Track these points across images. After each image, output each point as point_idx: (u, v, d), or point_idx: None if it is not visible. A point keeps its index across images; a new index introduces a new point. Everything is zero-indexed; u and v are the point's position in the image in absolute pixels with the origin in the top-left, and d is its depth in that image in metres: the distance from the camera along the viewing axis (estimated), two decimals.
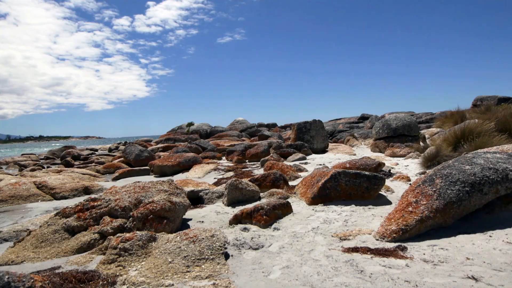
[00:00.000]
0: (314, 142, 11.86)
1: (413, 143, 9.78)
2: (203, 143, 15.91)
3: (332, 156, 10.75)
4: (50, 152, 26.62)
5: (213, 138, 31.38)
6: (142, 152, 13.57)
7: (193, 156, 10.34)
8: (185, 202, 3.83)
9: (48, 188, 7.88)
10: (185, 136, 33.48)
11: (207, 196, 5.32)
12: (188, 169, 9.93)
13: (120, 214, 3.59)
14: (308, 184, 4.88)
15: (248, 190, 4.85)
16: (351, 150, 11.62)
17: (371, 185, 4.34)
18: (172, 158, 10.26)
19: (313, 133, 11.90)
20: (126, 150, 13.81)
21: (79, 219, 3.66)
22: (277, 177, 5.60)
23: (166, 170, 9.88)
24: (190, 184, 5.69)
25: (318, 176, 4.74)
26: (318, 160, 10.01)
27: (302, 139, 11.97)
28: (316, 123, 12.07)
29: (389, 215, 3.29)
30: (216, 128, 37.74)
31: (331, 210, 4.07)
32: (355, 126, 21.13)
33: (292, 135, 12.41)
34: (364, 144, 14.11)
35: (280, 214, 3.89)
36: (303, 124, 12.07)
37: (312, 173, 5.21)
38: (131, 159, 13.42)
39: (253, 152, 11.21)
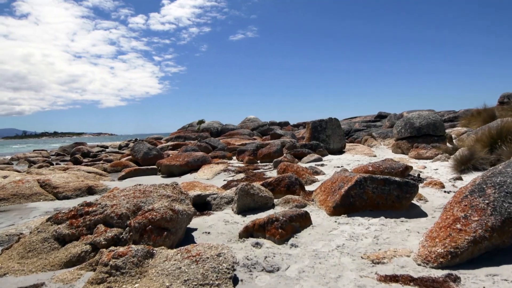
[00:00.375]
0: (330, 142, 11.28)
1: (440, 144, 9.13)
2: (213, 142, 15.47)
3: (350, 157, 10.16)
4: (61, 148, 26.57)
5: (223, 137, 31.02)
6: (151, 150, 13.19)
7: (202, 156, 9.88)
8: (190, 210, 3.35)
9: (51, 187, 7.52)
10: (196, 134, 33.17)
11: (215, 201, 4.84)
12: (196, 169, 9.48)
13: (116, 222, 3.13)
14: (328, 191, 4.34)
15: (261, 197, 4.35)
16: (370, 150, 11.01)
17: (402, 193, 3.78)
18: (180, 157, 9.83)
19: (329, 132, 11.32)
20: (134, 148, 13.45)
21: (71, 226, 3.22)
22: (292, 181, 5.08)
23: (173, 170, 9.45)
24: (197, 187, 5.22)
25: (340, 181, 4.21)
26: (335, 162, 9.44)
27: (317, 138, 11.40)
28: (333, 121, 11.48)
29: (430, 233, 2.74)
30: (227, 126, 37.37)
31: (357, 222, 3.54)
32: (372, 125, 20.43)
33: (307, 134, 11.85)
34: (384, 144, 13.47)
35: (298, 227, 3.37)
36: (319, 122, 11.50)
37: (332, 177, 4.68)
38: (139, 157, 13.06)
39: (265, 152, 10.70)
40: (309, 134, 11.62)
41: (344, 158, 10.07)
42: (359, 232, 3.24)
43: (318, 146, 10.88)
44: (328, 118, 11.43)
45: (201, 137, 31.36)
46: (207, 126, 36.34)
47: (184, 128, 40.12)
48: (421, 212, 3.80)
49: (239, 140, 25.93)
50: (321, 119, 11.47)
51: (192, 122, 40.22)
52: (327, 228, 3.45)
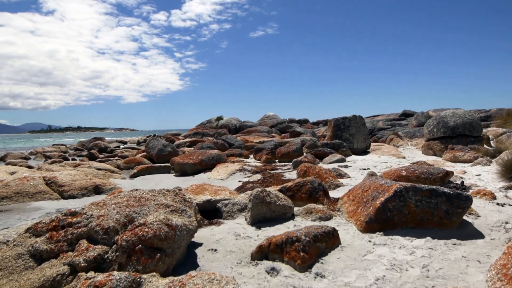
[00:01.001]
0: (354, 141, 10.52)
1: (477, 145, 8.25)
2: (230, 139, 14.92)
3: (376, 158, 9.39)
4: (79, 143, 26.66)
5: (242, 134, 30.50)
6: (165, 147, 12.75)
7: (217, 154, 9.33)
8: (191, 224, 2.75)
9: (57, 185, 7.11)
10: (214, 131, 32.78)
11: (227, 208, 4.24)
12: (211, 168, 8.93)
13: (101, 238, 2.57)
14: (359, 200, 3.67)
15: (278, 205, 3.72)
16: (398, 151, 10.19)
17: (452, 207, 3.08)
18: (194, 155, 9.30)
19: (353, 131, 10.56)
20: (148, 144, 13.04)
21: (50, 240, 2.68)
22: (315, 187, 4.42)
23: (186, 168, 8.93)
24: (206, 191, 4.63)
25: (374, 190, 3.53)
26: (360, 163, 8.69)
27: (340, 137, 10.66)
28: (357, 119, 10.71)
29: (505, 268, 2.05)
30: (245, 123, 36.83)
31: (397, 244, 2.86)
32: (397, 124, 19.42)
33: (329, 132, 11.13)
34: (411, 144, 12.58)
35: (324, 249, 2.73)
36: (342, 120, 10.74)
37: (363, 184, 4.00)
38: (153, 154, 12.64)
39: (284, 151, 10.05)
40: (331, 133, 10.88)
41: (370, 159, 9.30)
42: (401, 259, 2.57)
43: (341, 145, 10.14)
44: (352, 115, 10.67)
45: (219, 133, 30.98)
46: (225, 123, 35.94)
47: (202, 124, 39.88)
48: (475, 231, 3.08)
49: (257, 137, 25.35)
50: (345, 117, 10.71)
51: (211, 119, 39.93)
52: (360, 250, 2.79)
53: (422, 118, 15.50)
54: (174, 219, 2.66)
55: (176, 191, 3.27)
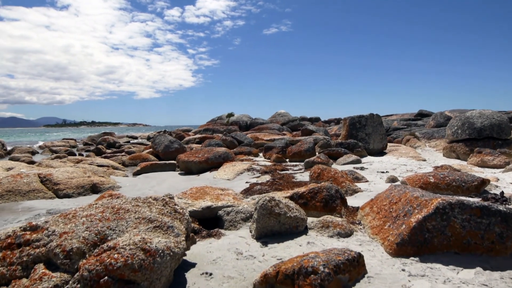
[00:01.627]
0: (370, 141, 9.83)
1: (507, 149, 7.50)
2: (239, 136, 14.35)
3: (394, 160, 8.70)
4: (89, 138, 26.47)
5: (252, 131, 29.94)
6: (172, 143, 12.26)
7: (224, 152, 8.76)
8: (178, 246, 2.17)
9: (52, 183, 6.65)
10: (224, 127, 32.29)
11: (229, 217, 3.67)
12: (217, 167, 8.37)
13: (62, 263, 2.02)
14: (386, 214, 3.05)
15: (289, 217, 3.12)
16: (416, 153, 9.47)
17: (508, 230, 2.44)
18: (199, 152, 8.76)
19: (369, 130, 9.87)
20: (155, 140, 12.58)
21: (2, 262, 2.15)
22: (331, 194, 3.81)
23: (191, 167, 8.39)
24: (207, 196, 4.07)
25: (405, 203, 2.90)
26: (377, 165, 8.02)
27: (355, 137, 9.98)
28: (374, 118, 10.01)
29: None
30: (256, 120, 36.25)
31: (439, 275, 2.24)
32: (413, 124, 18.56)
33: (343, 131, 10.46)
34: (430, 146, 11.82)
35: (347, 281, 2.13)
36: (357, 118, 10.06)
37: (389, 193, 3.37)
38: (159, 150, 12.17)
39: (296, 150, 9.43)
40: (346, 132, 10.22)
41: (387, 161, 8.62)
42: None
43: (356, 145, 9.47)
44: (369, 114, 9.98)
45: (230, 130, 30.48)
46: (236, 120, 35.43)
47: (213, 120, 39.46)
48: None
49: (268, 134, 24.75)
50: (361, 115, 10.03)
51: (222, 115, 39.47)
52: (393, 283, 2.18)
53: (440, 119, 14.67)
54: (156, 239, 2.09)
55: (166, 199, 2.70)
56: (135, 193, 6.59)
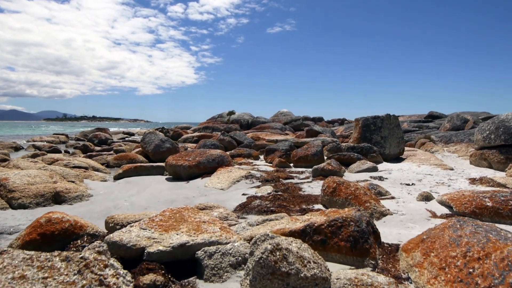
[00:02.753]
0: (386, 146, 8.63)
1: None
2: (238, 136, 13.15)
3: (415, 168, 7.50)
4: (81, 133, 25.30)
5: (253, 130, 28.75)
6: (163, 142, 11.08)
7: (219, 155, 7.57)
8: None
9: (6, 189, 5.46)
10: (224, 126, 31.10)
11: (212, 261, 2.49)
12: (210, 172, 7.19)
13: None
14: (461, 276, 1.87)
15: (303, 278, 1.94)
16: (438, 160, 8.27)
17: None
18: (190, 155, 7.56)
19: (385, 133, 8.67)
20: (144, 138, 11.40)
21: None
22: (362, 229, 2.63)
23: (180, 171, 7.21)
24: (184, 224, 2.88)
25: (498, 260, 1.73)
26: (398, 174, 6.83)
27: (369, 140, 8.79)
28: (391, 119, 8.81)
29: None
30: (258, 118, 35.05)
31: None
32: (424, 126, 17.37)
33: (355, 133, 9.26)
34: (449, 151, 10.62)
35: None
36: (372, 119, 8.85)
37: (456, 235, 2.19)
38: (149, 150, 11.00)
39: (302, 155, 8.24)
40: (358, 134, 9.02)
41: (408, 169, 7.42)
42: None
43: (371, 150, 8.28)
44: (385, 114, 8.76)
45: (230, 129, 29.27)
46: (237, 118, 34.27)
47: (213, 118, 38.28)
48: None
49: (270, 134, 23.58)
50: (376, 116, 8.82)
51: (222, 113, 38.30)
52: None
53: (457, 121, 13.46)
54: None
55: (89, 258, 1.51)
56: (108, 203, 5.43)
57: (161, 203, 5.40)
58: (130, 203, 5.52)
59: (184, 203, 5.37)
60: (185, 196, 5.78)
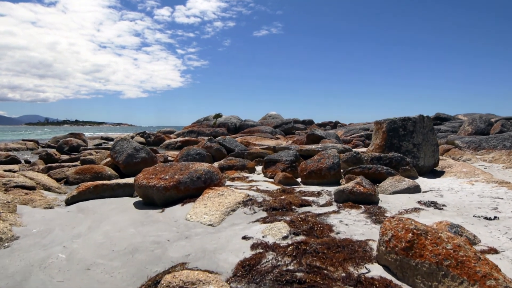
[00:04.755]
0: (421, 156, 6.78)
1: None
2: (228, 143, 11.17)
3: (468, 187, 5.66)
4: (53, 139, 22.86)
5: (242, 134, 26.77)
6: (138, 151, 9.05)
7: (206, 172, 5.57)
8: None
9: None
10: (211, 130, 29.05)
11: None
12: (194, 195, 5.21)
13: None
14: None
15: None
16: (487, 173, 6.49)
17: None
18: (167, 171, 5.55)
19: (418, 139, 6.83)
20: (115, 146, 9.34)
21: None
22: None
23: (153, 195, 5.20)
24: None
25: None
26: (453, 198, 4.98)
27: (398, 148, 6.94)
28: (424, 121, 6.99)
29: None
30: (246, 122, 33.07)
31: None
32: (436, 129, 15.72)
33: (377, 139, 7.41)
34: (483, 159, 8.89)
35: None
36: (401, 122, 6.99)
37: None
38: (120, 161, 8.96)
39: (313, 168, 6.35)
40: (383, 140, 7.17)
41: (460, 189, 5.58)
42: None
43: (403, 161, 6.43)
44: (418, 115, 6.93)
45: (216, 133, 27.22)
46: (224, 121, 32.27)
47: (198, 122, 36.18)
48: None
49: (260, 138, 21.67)
50: (406, 117, 6.97)
51: (208, 116, 36.23)
52: None
53: (480, 124, 11.81)
54: None
55: None
56: (34, 255, 3.41)
57: (116, 256, 3.40)
58: (68, 253, 3.50)
59: (152, 254, 3.39)
60: (156, 240, 3.79)
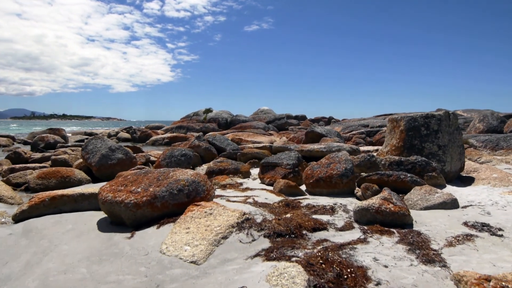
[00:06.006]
0: (447, 159, 5.71)
1: None
2: (219, 141, 9.97)
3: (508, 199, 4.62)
4: (31, 134, 21.37)
5: (233, 130, 25.58)
6: (114, 151, 7.85)
7: (190, 182, 4.39)
8: None
9: None
10: (201, 125, 27.79)
11: None
12: (175, 213, 4.06)
13: None
14: None
15: None
16: None
17: None
18: (140, 181, 4.36)
19: (444, 140, 5.76)
20: (87, 146, 8.11)
21: None
22: None
23: (121, 214, 4.02)
24: None
25: None
26: (501, 216, 3.90)
27: (420, 150, 5.85)
28: (450, 119, 5.92)
29: None
30: (238, 117, 31.86)
31: None
32: None
33: (393, 140, 6.31)
34: (505, 161, 7.90)
35: None
36: (423, 119, 5.89)
37: None
38: (92, 162, 7.75)
39: (322, 175, 5.24)
40: (400, 141, 6.08)
41: (503, 201, 4.51)
42: None
43: (428, 166, 5.35)
44: (443, 112, 5.83)
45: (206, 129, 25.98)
46: (214, 116, 31.02)
47: (188, 117, 34.83)
48: None
49: (252, 135, 20.51)
50: (429, 114, 5.86)
51: (198, 111, 34.90)
52: None
53: (492, 120, 10.84)
54: None
55: None
56: None
57: None
58: None
59: None
60: None
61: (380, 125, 16.65)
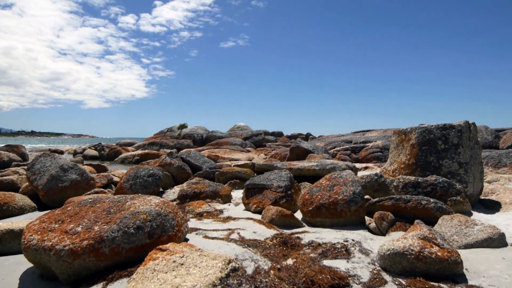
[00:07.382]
0: (469, 180, 4.77)
1: None
2: (194, 158, 8.75)
3: None
4: None
5: (210, 146, 24.34)
6: (65, 172, 6.51)
7: (154, 214, 3.20)
8: None
9: None
10: (175, 141, 26.39)
11: None
12: (131, 262, 2.87)
13: None
14: None
15: None
16: None
17: None
18: (84, 216, 3.13)
19: (466, 156, 4.83)
20: (34, 165, 6.74)
21: None
22: None
23: (51, 265, 2.78)
24: None
25: None
26: None
27: (437, 168, 4.89)
28: (471, 131, 5.02)
29: None
30: (214, 133, 30.65)
31: None
32: None
33: (401, 156, 5.35)
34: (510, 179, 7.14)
35: None
36: (439, 131, 4.95)
37: None
38: (39, 185, 6.37)
39: (324, 201, 4.17)
40: (412, 157, 5.12)
41: None
42: None
43: (451, 189, 4.39)
44: (463, 122, 4.94)
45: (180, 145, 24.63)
46: (189, 132, 29.71)
47: (162, 133, 33.31)
48: None
49: (229, 151, 19.37)
50: (446, 125, 4.93)
51: (172, 127, 33.46)
52: None
53: (487, 135, 10.22)
54: None
55: None
56: None
57: None
58: None
59: None
60: None
61: (364, 141, 15.95)
